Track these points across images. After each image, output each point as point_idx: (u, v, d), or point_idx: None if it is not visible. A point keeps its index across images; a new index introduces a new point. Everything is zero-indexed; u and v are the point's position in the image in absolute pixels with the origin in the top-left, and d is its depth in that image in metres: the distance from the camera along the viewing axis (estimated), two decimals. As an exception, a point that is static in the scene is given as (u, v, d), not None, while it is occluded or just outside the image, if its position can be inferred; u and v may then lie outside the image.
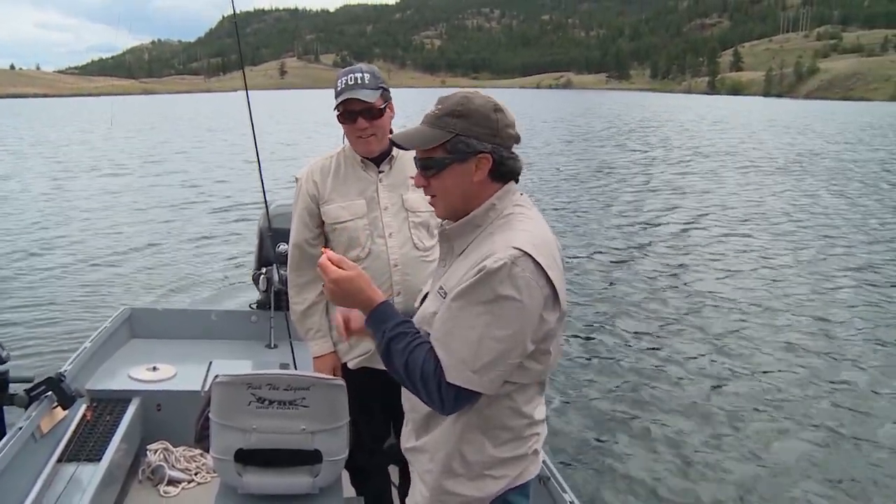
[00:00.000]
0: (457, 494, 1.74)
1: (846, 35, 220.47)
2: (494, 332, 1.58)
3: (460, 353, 1.59)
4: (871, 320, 8.44)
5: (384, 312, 1.70)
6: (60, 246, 11.83)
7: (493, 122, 1.69)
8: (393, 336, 1.66)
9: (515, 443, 1.75)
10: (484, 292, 1.58)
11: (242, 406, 2.41)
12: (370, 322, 1.71)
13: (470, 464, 1.73)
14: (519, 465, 1.77)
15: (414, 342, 1.64)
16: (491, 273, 1.57)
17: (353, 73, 2.55)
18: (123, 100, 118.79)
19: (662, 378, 6.64)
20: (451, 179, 1.71)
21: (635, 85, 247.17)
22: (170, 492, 3.40)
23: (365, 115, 2.53)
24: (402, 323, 1.68)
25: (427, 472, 1.78)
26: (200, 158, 26.45)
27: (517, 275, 1.57)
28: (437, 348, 1.63)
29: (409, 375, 1.64)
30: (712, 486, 4.86)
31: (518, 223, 1.70)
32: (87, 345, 3.82)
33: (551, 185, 19.32)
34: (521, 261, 1.58)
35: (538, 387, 1.79)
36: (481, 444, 1.72)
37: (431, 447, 1.77)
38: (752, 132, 41.77)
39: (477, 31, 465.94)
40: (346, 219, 2.61)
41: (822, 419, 5.88)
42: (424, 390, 1.63)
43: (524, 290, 1.58)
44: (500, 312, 1.58)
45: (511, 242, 1.61)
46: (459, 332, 1.60)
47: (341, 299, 1.73)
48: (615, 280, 10.19)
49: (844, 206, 16.66)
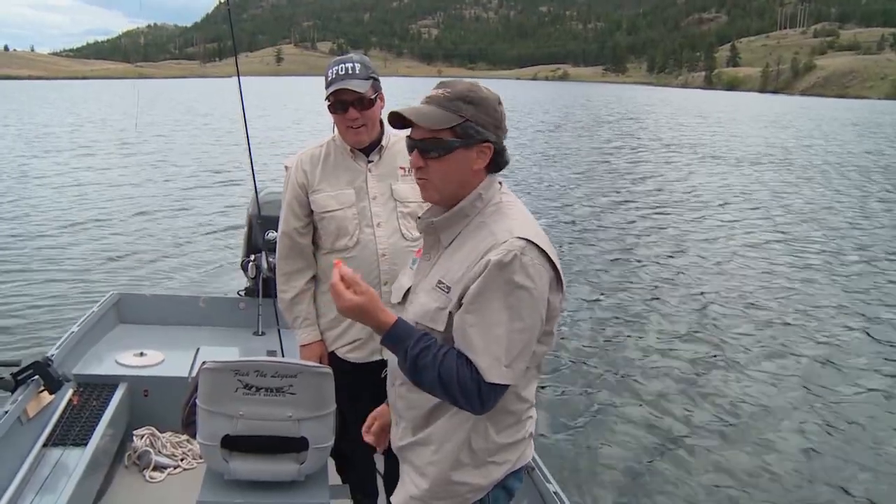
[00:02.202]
0: (463, 483, 1.75)
1: (843, 32, 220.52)
2: (517, 324, 1.61)
3: (494, 353, 1.60)
4: (872, 319, 8.44)
5: (400, 330, 1.68)
6: (48, 230, 11.75)
7: (498, 114, 1.72)
8: (418, 353, 1.64)
9: (516, 427, 1.78)
10: (501, 286, 1.60)
11: (230, 392, 2.41)
12: (387, 342, 1.69)
13: (475, 452, 1.74)
14: (518, 449, 1.80)
15: (441, 352, 1.64)
16: (504, 266, 1.59)
17: (343, 62, 2.54)
18: (119, 83, 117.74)
19: (646, 369, 6.71)
20: (453, 164, 1.70)
21: (632, 78, 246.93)
22: (156, 477, 3.40)
23: (356, 105, 2.52)
24: (422, 337, 1.67)
25: (430, 464, 1.77)
26: (191, 144, 26.28)
27: (528, 264, 1.60)
28: (468, 352, 1.62)
29: (446, 386, 1.62)
30: (695, 477, 4.91)
31: (510, 211, 1.72)
32: (75, 329, 3.81)
33: (541, 172, 19.38)
34: (528, 249, 1.61)
35: (535, 369, 1.81)
36: (486, 432, 1.74)
37: (437, 439, 1.76)
38: (744, 128, 41.85)
39: (474, 21, 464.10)
40: (334, 208, 2.61)
41: (801, 407, 5.99)
42: (464, 397, 1.62)
43: (536, 278, 1.62)
44: (519, 304, 1.61)
45: (513, 232, 1.64)
46: (488, 331, 1.61)
47: (353, 318, 1.72)
48: (602, 269, 10.24)
49: (827, 199, 16.80)
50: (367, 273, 2.59)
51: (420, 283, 1.80)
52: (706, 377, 6.54)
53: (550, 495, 2.70)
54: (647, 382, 6.40)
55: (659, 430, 5.53)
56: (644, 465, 5.04)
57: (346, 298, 1.66)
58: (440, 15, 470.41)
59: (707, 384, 6.39)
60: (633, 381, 6.41)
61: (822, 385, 6.47)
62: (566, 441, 5.30)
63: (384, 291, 2.58)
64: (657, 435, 5.45)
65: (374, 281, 2.58)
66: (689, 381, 6.46)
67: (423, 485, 1.78)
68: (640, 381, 6.41)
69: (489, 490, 1.77)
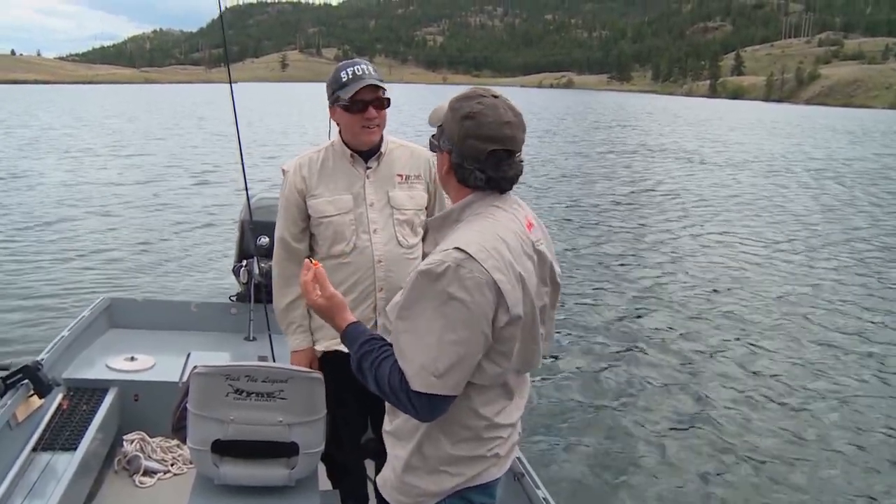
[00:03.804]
0: (414, 486, 1.78)
1: (848, 42, 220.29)
2: (449, 335, 1.59)
3: (420, 360, 1.60)
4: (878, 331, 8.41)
5: (352, 333, 1.78)
6: (39, 233, 11.72)
7: (458, 128, 1.71)
8: (361, 355, 1.71)
9: (473, 443, 1.76)
10: (434, 296, 1.59)
11: (220, 397, 2.41)
12: (343, 342, 1.80)
13: (426, 458, 1.76)
14: (476, 466, 1.77)
15: (379, 357, 1.68)
16: (435, 276, 1.59)
17: (357, 65, 2.55)
18: (124, 88, 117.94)
19: (639, 376, 6.70)
20: (441, 163, 1.80)
21: (636, 87, 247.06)
22: (145, 482, 3.39)
23: (375, 104, 2.53)
24: (367, 341, 1.72)
25: (395, 457, 1.82)
26: (184, 148, 26.25)
27: (464, 276, 1.58)
28: (398, 359, 1.64)
29: (382, 390, 1.68)
30: (686, 483, 4.91)
31: (479, 222, 1.70)
32: (65, 334, 3.81)
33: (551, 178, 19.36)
34: (467, 262, 1.59)
35: (501, 389, 1.78)
36: (437, 440, 1.74)
37: (398, 435, 1.82)
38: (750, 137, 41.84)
39: (479, 28, 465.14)
40: (331, 213, 2.60)
41: (795, 405, 6.06)
42: (398, 402, 1.66)
43: (473, 291, 1.58)
44: (453, 314, 1.58)
45: (455, 243, 1.63)
46: (419, 340, 1.60)
47: (318, 315, 1.88)
48: (600, 277, 10.23)
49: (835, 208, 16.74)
50: (362, 279, 2.59)
51: None
52: (698, 384, 6.55)
53: (540, 501, 2.69)
54: (638, 389, 6.41)
55: (654, 439, 5.51)
56: (635, 471, 5.04)
57: (312, 298, 1.83)
58: (445, 22, 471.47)
59: (699, 390, 6.39)
60: (624, 388, 6.42)
61: (804, 390, 6.48)
62: (556, 447, 5.30)
63: (379, 298, 2.57)
64: (648, 441, 5.45)
65: (370, 287, 2.57)
66: (680, 386, 6.48)
67: (390, 475, 1.84)
68: (632, 388, 6.42)
69: (442, 498, 1.77)
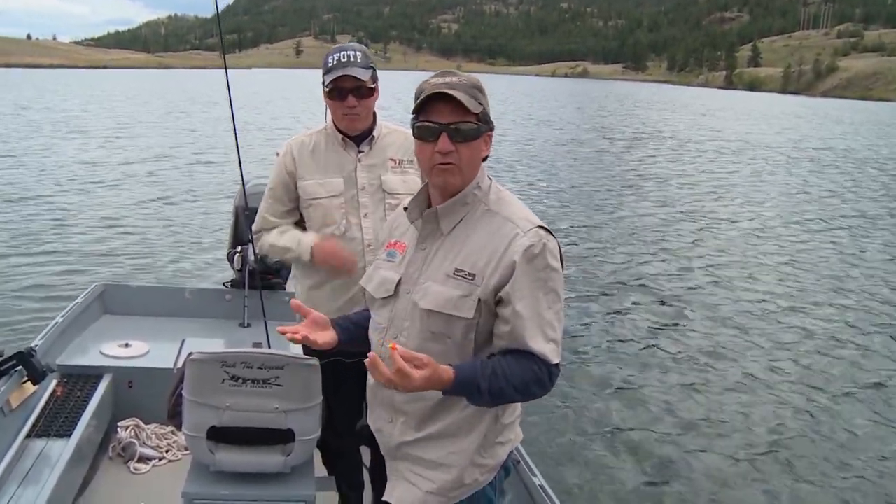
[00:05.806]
0: (482, 465, 1.81)
1: (867, 33, 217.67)
2: (557, 304, 1.75)
3: (550, 336, 1.71)
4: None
5: (463, 375, 1.64)
6: (33, 219, 11.70)
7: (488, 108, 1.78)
8: (489, 383, 1.65)
9: (511, 408, 1.87)
10: (540, 274, 1.70)
11: (216, 384, 2.41)
12: (454, 392, 1.66)
13: (487, 437, 1.80)
14: (515, 428, 1.90)
15: (503, 367, 1.66)
16: (537, 255, 1.70)
17: (344, 50, 2.53)
18: (137, 73, 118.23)
19: (632, 364, 6.73)
20: (476, 150, 1.76)
21: (652, 76, 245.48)
22: (140, 469, 3.39)
23: (355, 92, 2.51)
24: (481, 367, 1.66)
25: (452, 454, 1.79)
26: (180, 134, 26.26)
27: (554, 249, 1.74)
28: (525, 344, 1.68)
29: (524, 391, 1.69)
30: (679, 471, 4.94)
31: (512, 199, 1.82)
32: (59, 320, 3.81)
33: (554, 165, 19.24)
34: (548, 235, 1.74)
35: None
36: (497, 417, 1.82)
37: (454, 431, 1.79)
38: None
39: (494, 16, 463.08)
40: (322, 195, 2.59)
41: (794, 404, 6.05)
42: (541, 389, 1.71)
43: (561, 260, 1.78)
44: (556, 286, 1.74)
45: (532, 221, 1.75)
46: (540, 318, 1.70)
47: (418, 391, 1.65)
48: (597, 265, 10.24)
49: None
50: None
51: (421, 273, 1.78)
52: (694, 374, 6.57)
53: (536, 488, 2.70)
54: (632, 377, 6.44)
55: (644, 424, 5.55)
56: (628, 459, 5.07)
57: (416, 377, 1.56)
58: (460, 10, 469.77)
59: (694, 381, 6.42)
60: (618, 377, 6.44)
61: (809, 389, 6.44)
62: (551, 435, 5.30)
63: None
64: (642, 429, 5.49)
65: (359, 271, 2.53)
66: (676, 375, 6.51)
67: (443, 477, 1.79)
68: (626, 377, 6.44)
69: (497, 471, 1.83)
